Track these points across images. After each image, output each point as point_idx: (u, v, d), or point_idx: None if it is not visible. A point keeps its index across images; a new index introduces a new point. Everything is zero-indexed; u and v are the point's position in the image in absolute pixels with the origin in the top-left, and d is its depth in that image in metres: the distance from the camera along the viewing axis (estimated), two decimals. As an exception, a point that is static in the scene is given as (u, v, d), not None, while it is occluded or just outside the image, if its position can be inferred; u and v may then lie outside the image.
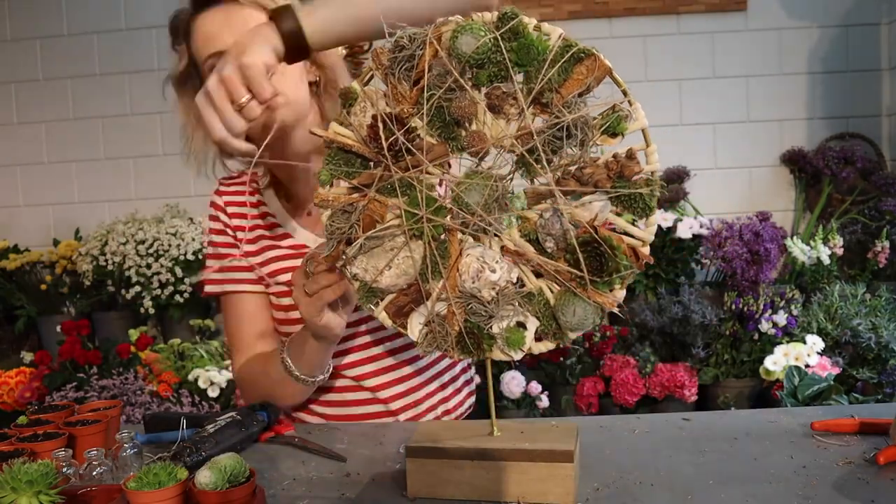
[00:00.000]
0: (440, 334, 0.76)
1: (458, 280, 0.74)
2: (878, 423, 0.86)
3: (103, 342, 2.66)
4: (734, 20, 2.82)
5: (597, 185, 0.69)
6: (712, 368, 2.23)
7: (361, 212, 0.76)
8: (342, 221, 0.77)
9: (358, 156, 0.77)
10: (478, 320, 0.74)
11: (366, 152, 0.76)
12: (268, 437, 0.99)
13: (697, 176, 2.79)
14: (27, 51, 2.99)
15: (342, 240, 0.78)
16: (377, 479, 0.82)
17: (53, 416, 0.94)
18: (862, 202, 2.72)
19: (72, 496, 0.69)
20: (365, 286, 0.78)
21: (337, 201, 0.77)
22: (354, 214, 0.76)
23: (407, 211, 0.74)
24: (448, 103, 0.71)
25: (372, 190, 0.75)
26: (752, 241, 2.30)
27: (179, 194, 2.96)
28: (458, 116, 0.71)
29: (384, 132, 0.73)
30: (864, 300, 2.27)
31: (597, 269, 0.69)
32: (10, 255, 2.83)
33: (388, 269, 0.76)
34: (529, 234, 0.73)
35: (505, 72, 0.69)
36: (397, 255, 0.76)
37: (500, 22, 0.69)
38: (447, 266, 0.74)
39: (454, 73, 0.70)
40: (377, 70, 0.75)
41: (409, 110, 0.73)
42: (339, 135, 0.77)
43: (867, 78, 2.83)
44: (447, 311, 0.75)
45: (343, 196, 0.77)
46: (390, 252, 0.76)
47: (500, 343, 0.74)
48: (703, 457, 0.83)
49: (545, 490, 0.73)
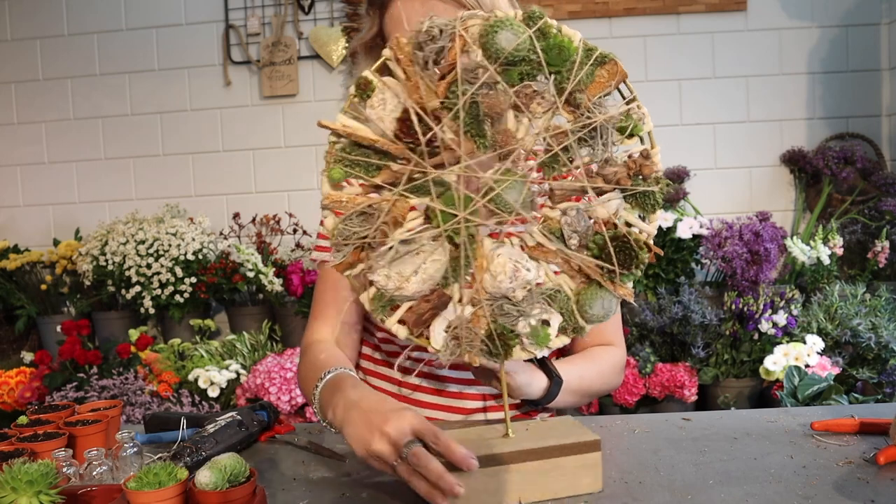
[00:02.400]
0: (467, 339, 0.73)
1: (487, 281, 0.72)
2: (878, 423, 0.86)
3: (103, 342, 2.67)
4: (734, 20, 2.82)
5: (618, 182, 0.71)
6: (712, 368, 2.23)
7: (388, 213, 0.71)
8: (358, 225, 0.71)
9: (377, 151, 0.71)
10: (506, 321, 0.73)
11: (391, 148, 0.71)
12: (268, 437, 0.99)
13: (697, 176, 2.80)
14: (27, 51, 2.99)
15: (359, 246, 0.72)
16: (377, 479, 0.82)
17: (53, 416, 0.94)
18: (862, 202, 2.72)
19: (72, 496, 0.69)
20: (382, 296, 0.73)
21: (352, 202, 0.71)
22: (380, 216, 0.71)
23: (443, 212, 0.71)
24: (480, 99, 0.70)
25: (399, 189, 0.71)
26: (752, 241, 2.30)
27: (179, 194, 2.96)
28: (491, 113, 0.70)
29: (420, 127, 0.69)
30: (864, 300, 2.27)
31: (624, 262, 0.72)
32: (10, 255, 2.83)
33: (414, 275, 0.72)
34: (554, 231, 0.74)
35: (536, 71, 0.70)
36: (426, 260, 0.72)
37: (529, 21, 0.69)
38: (474, 268, 0.72)
39: (489, 68, 0.69)
40: (398, 61, 0.70)
41: (438, 105, 0.70)
42: (351, 128, 0.71)
43: (867, 78, 2.83)
44: (473, 315, 0.73)
45: (358, 196, 0.71)
46: (417, 256, 0.72)
47: (527, 341, 0.73)
48: (703, 457, 0.83)
49: (577, 482, 0.76)
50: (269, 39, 2.87)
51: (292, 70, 2.87)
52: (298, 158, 2.93)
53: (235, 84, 2.92)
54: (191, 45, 2.90)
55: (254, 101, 2.93)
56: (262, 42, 2.87)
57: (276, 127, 2.94)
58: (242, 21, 2.89)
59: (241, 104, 2.94)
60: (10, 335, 2.87)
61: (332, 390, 0.88)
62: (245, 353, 2.44)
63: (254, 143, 2.94)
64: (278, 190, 2.94)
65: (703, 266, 2.49)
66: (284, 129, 2.94)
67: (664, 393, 2.18)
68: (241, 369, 2.32)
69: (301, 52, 2.88)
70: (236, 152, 2.96)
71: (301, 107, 2.91)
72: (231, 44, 2.90)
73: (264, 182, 2.96)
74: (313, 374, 0.97)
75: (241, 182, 2.96)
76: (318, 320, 1.12)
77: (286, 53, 2.87)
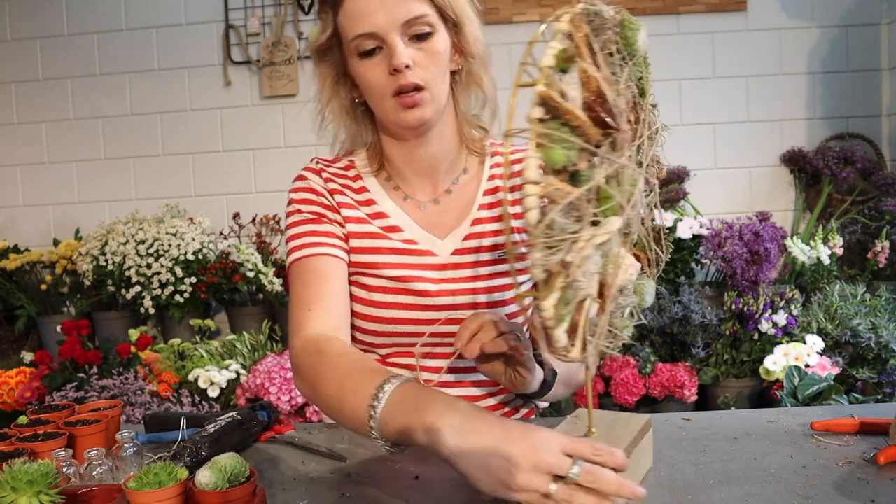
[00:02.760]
0: (610, 339, 0.69)
1: (619, 276, 0.68)
2: (878, 423, 0.86)
3: (103, 342, 2.67)
4: (734, 20, 2.82)
5: (649, 181, 0.74)
6: (712, 368, 2.23)
7: (594, 205, 0.61)
8: (566, 219, 0.59)
9: (578, 135, 0.60)
10: (616, 316, 0.71)
11: (591, 133, 0.61)
12: (268, 437, 0.99)
13: (697, 176, 2.79)
14: (27, 51, 2.99)
15: (569, 246, 0.60)
16: (377, 479, 0.82)
17: (53, 416, 0.94)
18: (862, 202, 2.72)
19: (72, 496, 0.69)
20: (568, 301, 0.62)
21: (564, 193, 0.59)
22: (587, 207, 0.60)
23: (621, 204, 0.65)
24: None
25: (602, 178, 0.62)
26: (752, 241, 2.30)
27: (179, 194, 2.96)
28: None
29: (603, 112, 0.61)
30: (864, 300, 2.27)
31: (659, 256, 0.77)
32: (10, 255, 2.83)
33: (597, 275, 0.65)
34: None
35: (643, 71, 0.71)
36: (622, 257, 0.66)
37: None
38: (615, 264, 0.68)
39: (632, 63, 0.68)
40: (580, 38, 0.60)
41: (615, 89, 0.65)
42: (567, 105, 0.59)
43: (867, 78, 2.83)
44: (599, 311, 0.67)
45: (568, 186, 0.60)
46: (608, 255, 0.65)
47: (624, 334, 0.72)
48: (703, 457, 0.83)
49: (645, 460, 0.79)
50: (269, 39, 2.87)
51: (292, 70, 2.87)
52: (298, 158, 2.93)
53: (235, 84, 2.92)
54: (191, 45, 2.90)
55: (254, 101, 2.93)
56: (262, 42, 2.87)
57: (276, 127, 2.94)
58: (242, 21, 2.89)
59: (241, 104, 2.94)
60: (10, 335, 2.87)
61: (410, 407, 0.73)
62: (245, 353, 2.44)
63: (254, 143, 2.94)
64: (278, 190, 2.94)
65: (703, 266, 2.49)
66: (284, 129, 2.94)
67: (664, 393, 2.18)
68: (241, 369, 2.32)
69: (301, 52, 2.88)
70: (236, 152, 2.96)
71: (301, 107, 2.91)
72: (231, 44, 2.90)
73: (264, 182, 2.96)
74: (347, 379, 0.82)
75: (241, 182, 2.96)
76: (314, 311, 0.97)
77: (286, 53, 2.87)
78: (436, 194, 1.10)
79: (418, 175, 1.10)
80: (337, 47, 1.04)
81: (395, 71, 0.96)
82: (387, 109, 1.01)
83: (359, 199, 1.09)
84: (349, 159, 1.14)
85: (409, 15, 0.96)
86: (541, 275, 0.59)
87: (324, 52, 1.05)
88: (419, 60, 0.98)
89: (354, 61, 1.00)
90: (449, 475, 0.81)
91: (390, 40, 0.96)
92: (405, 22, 0.96)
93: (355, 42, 0.98)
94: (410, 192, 1.10)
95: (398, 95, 0.98)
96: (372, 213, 1.08)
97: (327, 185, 1.09)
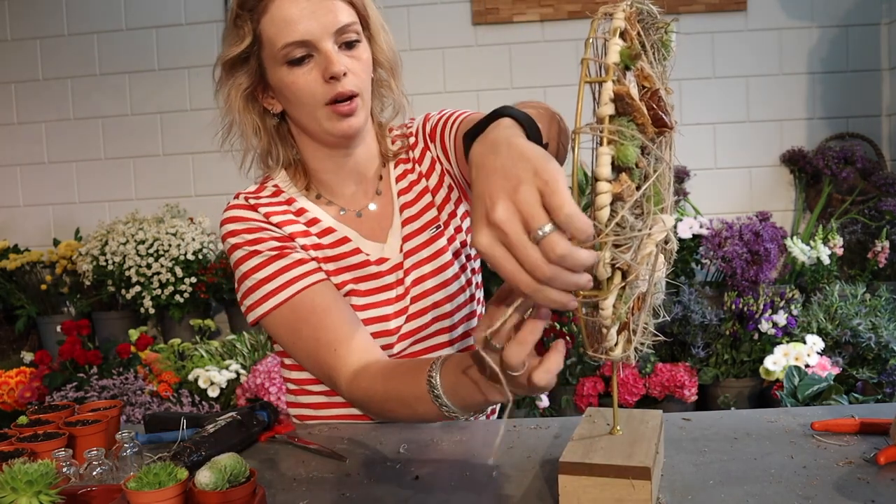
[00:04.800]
0: (647, 337, 0.66)
1: (655, 274, 0.67)
2: (878, 423, 0.85)
3: (103, 342, 2.67)
4: (734, 20, 2.83)
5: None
6: (712, 368, 2.23)
7: (653, 203, 0.60)
8: (631, 217, 0.59)
9: (641, 132, 0.60)
10: (649, 314, 0.69)
11: (650, 130, 0.60)
12: (268, 437, 0.99)
13: (697, 176, 2.79)
14: (27, 51, 2.99)
15: (637, 245, 0.59)
16: (377, 479, 0.82)
17: (53, 416, 0.94)
18: (862, 202, 2.73)
19: (72, 496, 0.69)
20: (624, 302, 0.62)
21: (632, 191, 0.58)
22: (648, 205, 0.60)
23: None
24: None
25: (654, 176, 0.61)
26: (752, 241, 2.30)
27: (179, 194, 2.96)
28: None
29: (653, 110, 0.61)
30: (864, 300, 2.27)
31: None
32: (10, 255, 2.83)
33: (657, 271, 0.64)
34: None
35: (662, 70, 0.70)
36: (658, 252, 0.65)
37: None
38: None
39: (666, 62, 0.68)
40: (635, 35, 0.60)
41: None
42: (636, 103, 0.58)
43: (867, 78, 2.83)
44: (636, 308, 0.65)
45: (629, 183, 0.59)
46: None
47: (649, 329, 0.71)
48: (703, 457, 0.83)
49: (661, 453, 0.77)
50: (269, 39, 2.87)
51: (292, 70, 2.87)
52: (298, 158, 2.93)
53: (235, 84, 2.92)
54: (191, 45, 2.90)
55: (254, 101, 2.93)
56: (262, 42, 2.87)
57: (276, 127, 2.94)
58: (242, 21, 2.89)
59: (241, 104, 2.93)
60: (10, 335, 2.87)
61: (458, 371, 0.76)
62: (245, 353, 2.44)
63: (254, 143, 2.94)
64: (278, 190, 2.94)
65: (703, 266, 2.49)
66: (284, 129, 2.94)
67: (664, 393, 2.18)
68: (241, 369, 2.32)
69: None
70: (236, 152, 2.95)
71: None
72: (231, 44, 2.90)
73: (264, 182, 2.96)
74: (410, 399, 0.84)
75: (241, 182, 2.96)
76: (340, 350, 0.96)
77: (286, 53, 2.87)
78: (367, 200, 1.10)
79: (348, 184, 1.08)
80: (255, 56, 1.00)
81: (333, 79, 0.95)
82: (319, 118, 0.99)
83: (303, 220, 1.06)
84: (273, 185, 1.10)
85: (340, 23, 0.96)
86: (606, 274, 0.57)
87: (239, 63, 1.01)
88: (352, 67, 0.97)
89: (281, 70, 0.97)
90: (449, 475, 0.81)
91: (324, 48, 0.95)
92: (337, 30, 0.95)
93: (284, 50, 0.95)
94: (343, 204, 1.09)
95: (333, 104, 0.97)
96: (319, 231, 1.06)
97: (271, 220, 1.04)
